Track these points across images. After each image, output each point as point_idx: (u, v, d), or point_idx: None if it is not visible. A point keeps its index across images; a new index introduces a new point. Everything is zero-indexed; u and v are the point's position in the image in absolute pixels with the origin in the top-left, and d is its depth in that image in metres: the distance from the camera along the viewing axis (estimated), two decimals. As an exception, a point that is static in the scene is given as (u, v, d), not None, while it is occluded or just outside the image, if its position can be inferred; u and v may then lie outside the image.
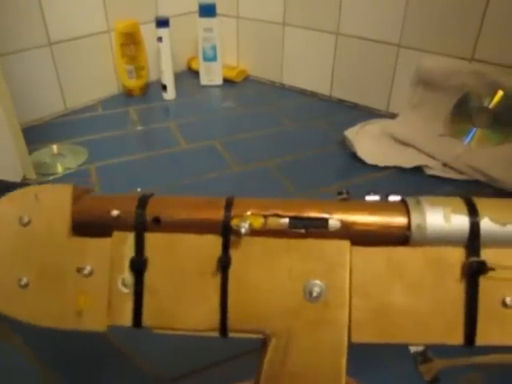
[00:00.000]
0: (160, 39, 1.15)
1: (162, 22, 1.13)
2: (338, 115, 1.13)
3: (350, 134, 0.94)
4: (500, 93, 0.94)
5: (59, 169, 0.88)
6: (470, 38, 0.96)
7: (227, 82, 1.32)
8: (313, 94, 1.25)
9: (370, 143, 0.94)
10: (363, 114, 1.11)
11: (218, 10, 1.24)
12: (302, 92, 1.26)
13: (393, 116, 1.09)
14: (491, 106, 0.95)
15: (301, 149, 0.96)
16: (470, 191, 0.84)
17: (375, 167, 0.89)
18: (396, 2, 1.01)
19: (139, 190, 0.80)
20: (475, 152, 0.91)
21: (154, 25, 1.15)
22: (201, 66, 1.30)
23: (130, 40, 1.16)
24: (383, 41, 1.07)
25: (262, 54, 1.31)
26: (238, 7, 1.29)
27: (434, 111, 1.02)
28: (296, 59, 1.24)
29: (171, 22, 1.16)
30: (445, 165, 0.90)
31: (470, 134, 0.97)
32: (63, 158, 0.93)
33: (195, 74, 1.33)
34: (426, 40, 1.01)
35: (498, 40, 0.92)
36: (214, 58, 1.28)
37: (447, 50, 0.99)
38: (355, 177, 0.87)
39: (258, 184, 0.85)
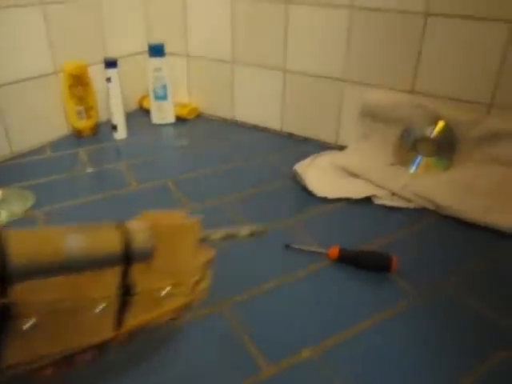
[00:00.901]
0: (109, 80, 1.15)
1: (110, 63, 1.13)
2: (290, 149, 1.15)
3: (300, 167, 0.95)
4: (441, 123, 0.98)
5: (2, 216, 0.85)
6: (409, 72, 1.00)
7: (179, 119, 1.32)
8: (264, 130, 1.27)
9: (319, 176, 0.96)
10: (314, 147, 1.13)
11: (168, 49, 1.25)
12: (254, 127, 1.28)
13: (342, 148, 1.11)
14: (434, 135, 0.99)
15: (253, 184, 0.97)
16: (416, 218, 0.86)
17: (326, 200, 0.91)
18: (338, 40, 1.06)
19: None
20: (421, 180, 0.94)
21: (103, 65, 1.15)
22: (152, 104, 1.30)
23: (79, 81, 1.16)
24: (328, 76, 1.11)
25: (213, 91, 1.33)
26: (188, 46, 1.31)
27: (381, 142, 1.06)
28: (246, 96, 1.27)
29: (120, 62, 1.16)
30: (393, 194, 0.92)
31: (416, 163, 1.00)
32: (8, 203, 0.90)
33: (147, 112, 1.33)
34: (368, 74, 1.05)
35: (435, 73, 0.97)
36: (164, 97, 1.28)
37: (389, 84, 1.03)
38: (308, 210, 0.88)
39: (211, 222, 0.84)
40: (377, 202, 0.90)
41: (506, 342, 0.59)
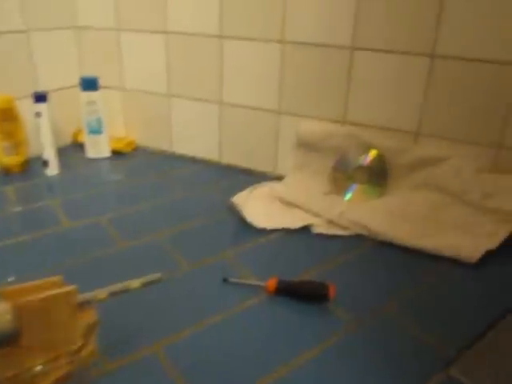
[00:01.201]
0: (38, 114, 1.11)
1: (40, 97, 1.10)
2: (229, 181, 1.14)
3: (238, 199, 0.95)
4: (374, 151, 1.01)
5: None
6: (340, 103, 1.04)
7: (116, 153, 1.29)
8: (203, 161, 1.26)
9: (258, 207, 0.96)
10: (253, 178, 1.14)
11: (102, 82, 1.23)
12: (193, 160, 1.27)
13: (281, 178, 1.12)
14: (367, 163, 1.02)
15: (192, 218, 0.95)
16: (353, 245, 0.88)
17: (264, 231, 0.90)
18: (271, 73, 1.08)
19: (12, 279, 0.73)
20: (356, 207, 0.97)
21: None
22: (86, 139, 1.26)
23: (6, 116, 1.11)
24: (264, 108, 1.12)
25: (150, 124, 1.31)
26: (123, 79, 1.29)
27: (316, 172, 1.08)
28: (184, 128, 1.26)
29: (54, 96, 1.13)
30: (330, 222, 0.93)
31: (351, 191, 1.03)
32: None
33: (82, 147, 1.29)
34: (302, 106, 1.08)
35: (365, 104, 1.01)
36: (99, 131, 1.25)
37: (322, 115, 1.06)
38: (247, 242, 0.88)
39: (147, 260, 0.81)
40: (315, 230, 0.91)
41: (446, 366, 0.60)
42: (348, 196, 1.02)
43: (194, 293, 0.73)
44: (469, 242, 0.86)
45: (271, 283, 0.72)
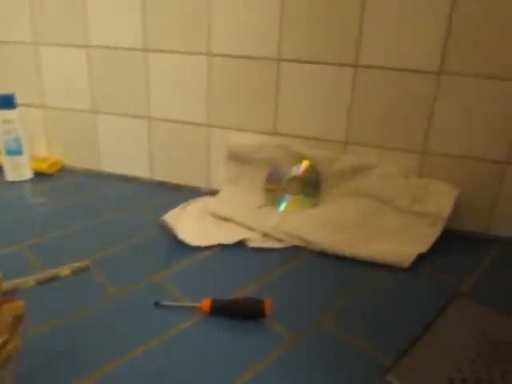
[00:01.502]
0: None
1: None
2: (161, 199, 1.10)
3: (170, 217, 0.91)
4: (306, 162, 1.01)
5: None
6: (269, 114, 1.03)
7: (39, 175, 1.22)
8: (133, 179, 1.21)
9: (191, 224, 0.93)
10: (186, 194, 1.11)
11: (20, 100, 1.16)
12: (122, 178, 1.22)
13: (215, 193, 1.10)
14: (299, 174, 1.02)
15: (121, 240, 0.91)
16: (290, 258, 0.87)
17: (199, 248, 0.88)
18: (199, 85, 1.06)
19: None
20: (291, 218, 0.96)
21: None
22: (5, 160, 1.18)
23: None
24: (194, 122, 1.10)
25: (75, 142, 1.25)
26: (42, 96, 1.22)
27: (249, 184, 1.06)
28: (112, 145, 1.21)
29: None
30: (265, 235, 0.92)
31: (284, 202, 1.02)
32: None
33: (0, 170, 1.21)
34: (232, 119, 1.07)
35: (294, 115, 1.02)
36: (19, 151, 1.17)
37: (253, 127, 1.05)
38: (180, 261, 0.84)
39: (70, 290, 0.76)
40: (250, 245, 0.89)
41: (384, 373, 0.59)
42: (282, 207, 1.02)
43: (125, 319, 0.68)
44: (401, 246, 0.88)
45: (205, 303, 0.69)
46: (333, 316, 0.70)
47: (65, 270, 0.55)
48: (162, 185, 1.19)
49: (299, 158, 1.02)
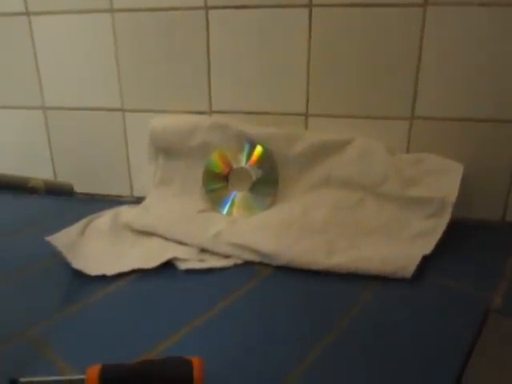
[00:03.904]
0: None
1: None
2: (69, 213, 0.80)
3: (63, 237, 0.63)
4: (258, 148, 0.75)
5: None
6: (201, 87, 0.76)
7: None
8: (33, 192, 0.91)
9: (95, 245, 0.64)
10: (103, 205, 0.81)
11: None
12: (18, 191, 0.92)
13: (141, 201, 0.82)
14: (249, 164, 0.75)
15: (6, 272, 0.61)
16: (238, 280, 0.59)
17: (106, 278, 0.59)
18: (103, 59, 0.78)
19: None
20: (238, 225, 0.69)
21: None
22: None
23: None
24: (102, 107, 0.82)
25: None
26: None
27: (184, 184, 0.79)
28: (2, 149, 0.91)
29: None
30: (203, 250, 0.64)
31: (229, 202, 0.75)
32: None
33: None
34: (152, 98, 0.79)
35: (229, 88, 0.75)
36: None
37: (180, 106, 0.78)
38: (85, 296, 0.56)
39: None
40: (181, 266, 0.61)
41: None
42: (225, 209, 0.74)
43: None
44: (396, 249, 0.62)
45: (91, 375, 0.40)
46: (309, 376, 0.43)
47: None
48: (71, 196, 0.89)
49: (245, 142, 0.75)
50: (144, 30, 0.75)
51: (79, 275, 0.59)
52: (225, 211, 0.74)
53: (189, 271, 0.61)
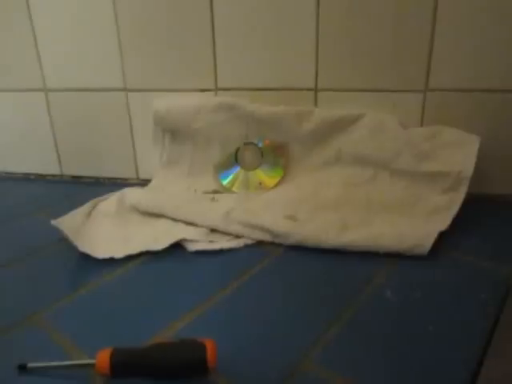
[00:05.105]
0: None
1: None
2: (75, 197, 0.78)
3: (68, 221, 0.61)
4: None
5: None
6: (209, 67, 0.74)
7: None
8: (39, 178, 0.90)
9: (102, 227, 0.63)
10: (109, 188, 0.79)
11: None
12: (25, 178, 0.91)
13: (147, 183, 0.80)
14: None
15: (16, 257, 0.61)
16: (251, 261, 0.57)
17: (114, 262, 0.58)
18: (109, 42, 0.76)
19: None
20: (249, 202, 0.67)
21: None
22: None
23: None
24: (106, 88, 0.80)
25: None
26: None
27: (192, 165, 0.77)
28: (2, 137, 0.89)
29: None
30: (213, 230, 0.63)
31: (240, 180, 0.73)
32: None
33: None
34: (157, 77, 0.77)
35: (236, 64, 0.73)
36: None
37: (184, 85, 0.76)
38: (93, 280, 0.55)
39: None
40: (191, 247, 0.60)
41: None
42: (226, 181, 0.73)
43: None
44: (411, 226, 0.60)
45: (102, 359, 0.39)
46: (326, 355, 0.42)
47: None
48: (76, 181, 0.88)
49: (248, 120, 0.73)
50: (146, 2, 0.72)
51: (87, 258, 0.58)
52: (225, 183, 0.72)
53: (198, 252, 0.59)
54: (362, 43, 0.67)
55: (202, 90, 0.75)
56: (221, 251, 0.60)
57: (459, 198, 0.62)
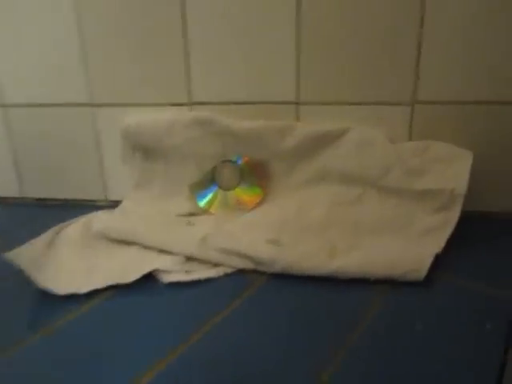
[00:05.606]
0: None
1: None
2: (38, 222, 0.71)
3: (26, 253, 0.55)
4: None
5: None
6: (182, 80, 0.69)
7: None
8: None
9: (65, 259, 0.56)
10: (77, 211, 0.72)
11: None
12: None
13: (117, 205, 0.74)
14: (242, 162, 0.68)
15: None
16: (231, 292, 0.52)
17: (77, 297, 0.51)
18: (74, 54, 0.70)
19: None
20: (227, 225, 0.62)
21: None
22: None
23: None
24: (69, 103, 0.74)
25: None
26: None
27: (165, 186, 0.71)
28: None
29: None
30: (190, 259, 0.57)
31: (216, 200, 0.68)
32: None
33: None
34: (126, 91, 0.71)
35: (211, 76, 0.68)
36: None
37: (156, 99, 0.71)
38: (54, 320, 0.48)
39: None
40: (165, 279, 0.54)
41: None
42: (203, 202, 0.67)
43: None
44: (403, 249, 0.56)
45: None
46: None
47: None
48: (41, 203, 0.81)
49: (224, 137, 0.68)
50: (113, 10, 0.67)
51: (47, 296, 0.51)
52: (202, 204, 0.67)
53: (174, 284, 0.54)
54: (347, 54, 0.63)
55: (176, 105, 0.70)
56: (198, 281, 0.54)
57: (453, 217, 0.58)
